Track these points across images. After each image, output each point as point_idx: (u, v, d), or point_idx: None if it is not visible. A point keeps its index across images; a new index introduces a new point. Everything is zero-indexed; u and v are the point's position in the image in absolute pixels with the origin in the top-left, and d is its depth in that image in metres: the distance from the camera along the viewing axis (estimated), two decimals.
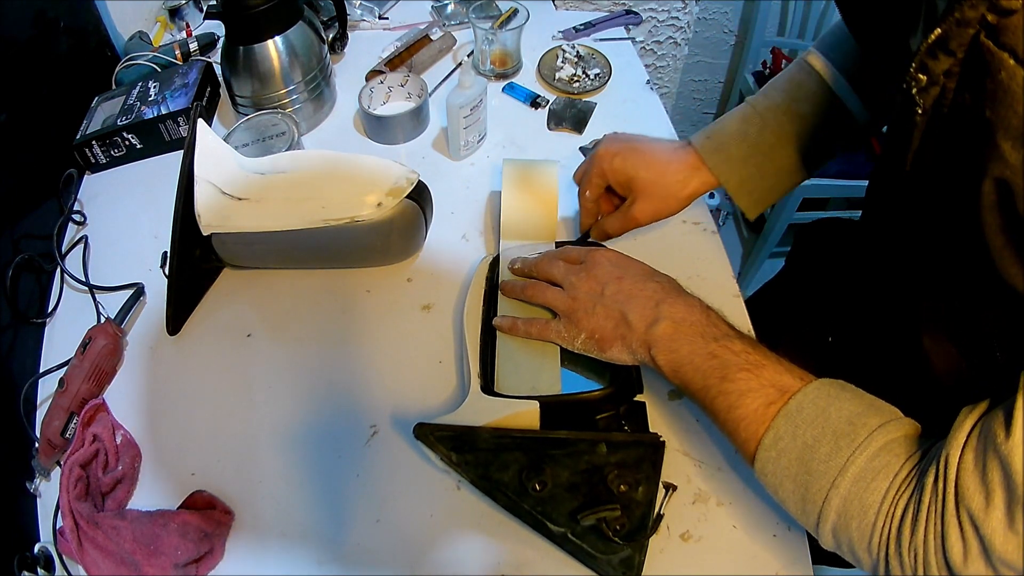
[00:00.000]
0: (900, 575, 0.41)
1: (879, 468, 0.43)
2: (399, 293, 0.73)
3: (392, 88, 0.91)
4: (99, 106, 0.89)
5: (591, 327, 0.56)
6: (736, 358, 0.50)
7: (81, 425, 0.61)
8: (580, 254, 0.62)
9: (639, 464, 0.53)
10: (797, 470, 0.45)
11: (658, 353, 0.53)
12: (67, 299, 0.75)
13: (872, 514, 0.42)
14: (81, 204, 0.84)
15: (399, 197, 0.67)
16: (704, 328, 0.52)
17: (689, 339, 0.52)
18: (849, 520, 0.43)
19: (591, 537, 0.52)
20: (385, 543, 0.57)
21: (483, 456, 0.53)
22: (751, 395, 0.48)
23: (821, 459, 0.44)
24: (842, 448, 0.44)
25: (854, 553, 0.44)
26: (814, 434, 0.45)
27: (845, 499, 0.43)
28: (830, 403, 0.46)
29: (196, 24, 1.08)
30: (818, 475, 0.44)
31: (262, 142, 0.81)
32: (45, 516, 0.60)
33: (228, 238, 0.69)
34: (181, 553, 0.53)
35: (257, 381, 0.67)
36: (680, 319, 0.53)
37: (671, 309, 0.54)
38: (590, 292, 0.57)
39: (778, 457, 0.46)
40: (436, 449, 0.53)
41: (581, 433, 0.53)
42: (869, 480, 0.42)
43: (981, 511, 0.37)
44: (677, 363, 0.52)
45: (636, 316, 0.54)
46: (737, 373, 0.49)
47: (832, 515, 0.44)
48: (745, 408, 0.48)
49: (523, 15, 0.93)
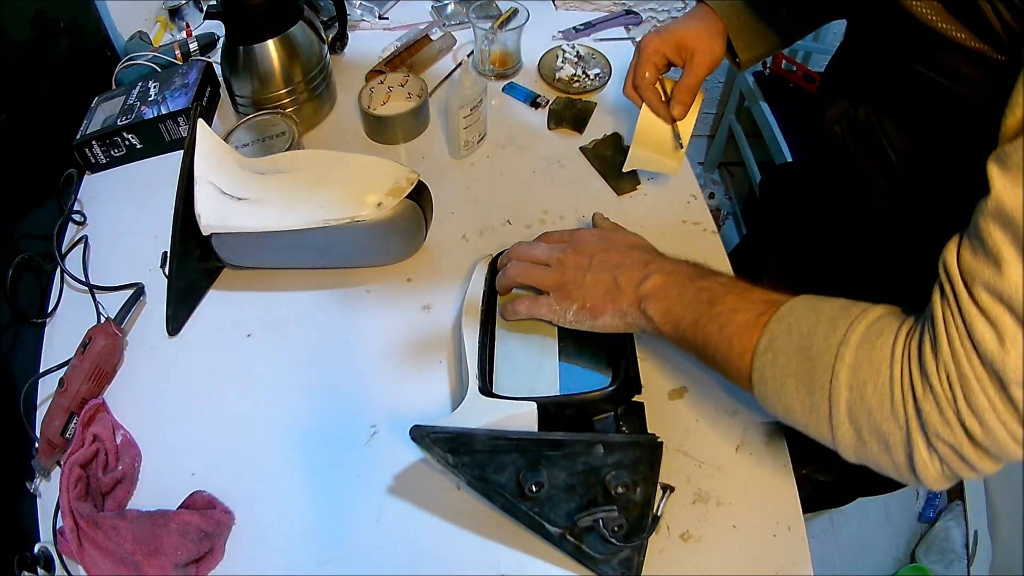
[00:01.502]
0: (937, 418, 0.38)
1: (881, 328, 0.41)
2: (399, 293, 0.73)
3: (392, 88, 0.91)
4: (99, 106, 0.89)
5: (582, 297, 0.57)
6: (723, 287, 0.51)
7: (81, 425, 0.61)
8: (561, 235, 0.63)
9: (636, 465, 0.53)
10: (797, 363, 0.44)
11: (649, 304, 0.54)
12: (67, 299, 0.75)
13: (886, 369, 0.40)
14: (81, 204, 0.84)
15: (399, 197, 0.67)
16: (692, 272, 0.54)
17: (678, 284, 0.53)
18: (863, 388, 0.40)
19: (589, 538, 0.52)
20: (385, 543, 0.57)
21: (480, 458, 0.53)
22: (741, 312, 0.48)
23: (820, 340, 0.43)
24: (839, 325, 0.43)
25: (877, 432, 0.40)
26: (809, 323, 0.44)
27: (853, 367, 0.41)
28: (820, 301, 0.46)
29: (196, 24, 1.08)
30: (820, 355, 0.42)
31: (262, 142, 0.81)
32: (45, 516, 0.60)
33: (228, 238, 0.69)
34: (181, 553, 0.53)
35: (257, 381, 0.67)
36: (669, 271, 0.55)
37: (660, 265, 0.56)
38: (577, 265, 0.59)
39: (775, 358, 0.45)
40: (433, 451, 0.53)
41: (578, 434, 0.53)
42: (874, 340, 0.41)
43: (995, 278, 0.35)
44: (667, 307, 0.53)
45: (626, 278, 0.56)
46: (725, 297, 0.50)
47: (843, 392, 0.41)
48: (736, 323, 0.48)
49: (523, 15, 0.93)
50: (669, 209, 0.80)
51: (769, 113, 1.59)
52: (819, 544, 1.37)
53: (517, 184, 0.83)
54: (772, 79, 1.69)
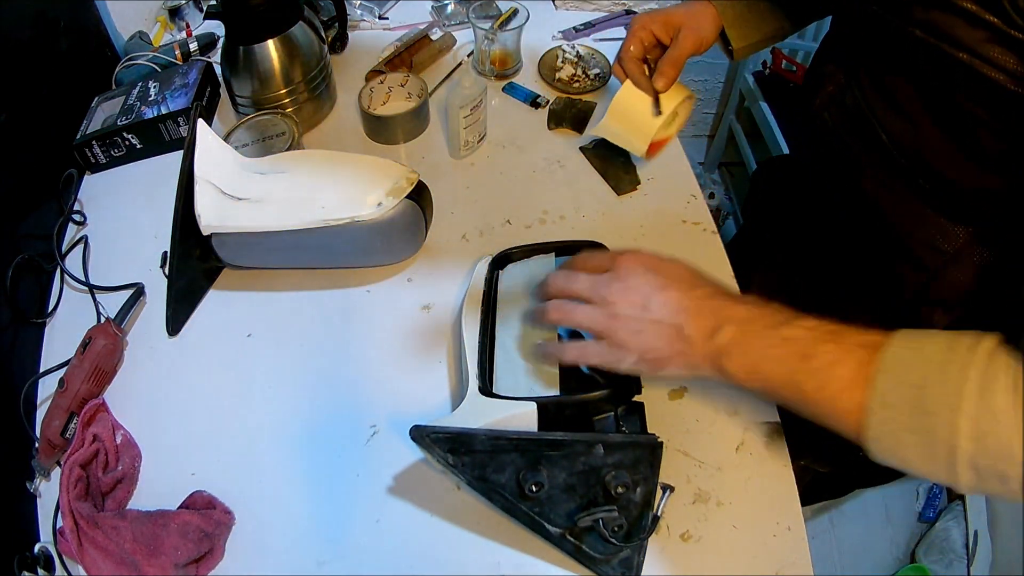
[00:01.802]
0: None
1: (996, 372, 0.39)
2: (399, 293, 0.73)
3: (392, 88, 0.91)
4: (99, 106, 0.89)
5: (641, 347, 0.50)
6: (811, 333, 0.46)
7: (81, 425, 0.61)
8: (603, 261, 0.54)
9: (636, 465, 0.53)
10: (914, 418, 0.41)
11: (727, 361, 0.48)
12: (67, 299, 0.75)
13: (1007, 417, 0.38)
14: (81, 204, 0.84)
15: (399, 197, 0.67)
16: (768, 318, 0.48)
17: (758, 335, 0.48)
18: (986, 438, 0.39)
19: (589, 538, 0.52)
20: (385, 543, 0.57)
21: (480, 458, 0.53)
22: (840, 364, 0.44)
23: (935, 394, 0.40)
24: (951, 373, 0.41)
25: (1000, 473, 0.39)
26: (920, 374, 0.42)
27: (975, 419, 0.39)
28: (922, 344, 0.43)
29: (196, 24, 1.08)
30: (937, 409, 0.40)
31: (262, 142, 0.81)
32: (45, 516, 0.60)
33: (228, 238, 0.69)
34: (181, 553, 0.53)
35: (257, 381, 0.67)
36: (742, 319, 0.48)
37: (730, 312, 0.49)
38: (632, 306, 0.51)
39: (890, 415, 0.42)
40: (433, 451, 0.53)
41: (577, 434, 0.53)
42: (991, 385, 0.39)
43: None
44: (752, 364, 0.48)
45: (693, 328, 0.49)
46: (817, 347, 0.45)
47: (965, 443, 0.40)
48: (839, 379, 0.44)
49: (523, 15, 0.93)
50: (669, 209, 0.80)
51: (769, 113, 1.59)
52: (819, 544, 1.37)
53: (517, 184, 0.83)
54: (772, 79, 1.69)
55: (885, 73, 0.59)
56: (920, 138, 0.57)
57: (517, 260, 0.70)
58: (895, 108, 0.58)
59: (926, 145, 0.57)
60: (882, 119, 0.60)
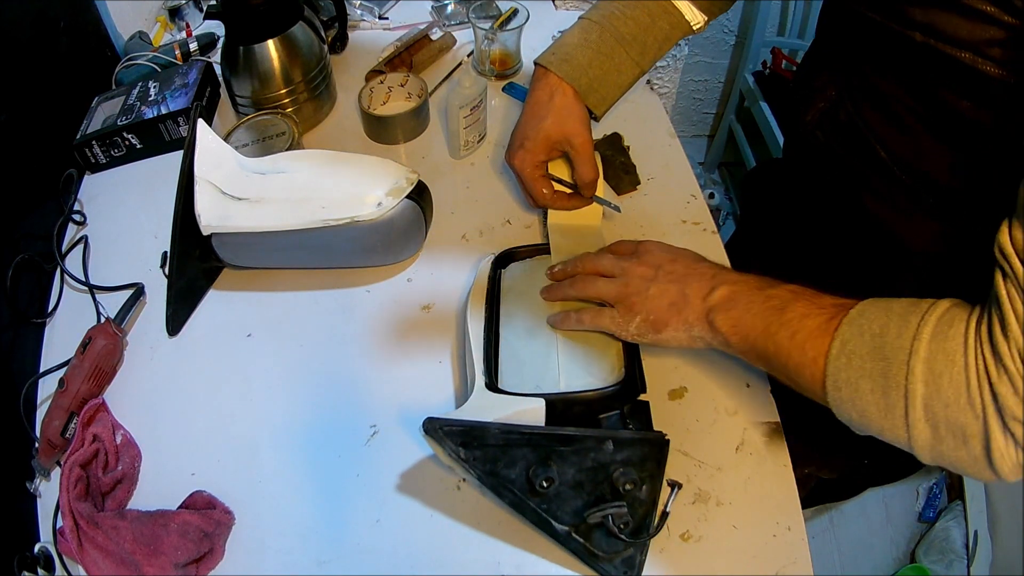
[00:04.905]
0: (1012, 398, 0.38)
1: (952, 318, 0.42)
2: (399, 293, 0.73)
3: (392, 88, 0.91)
4: (99, 106, 0.89)
5: (646, 308, 0.56)
6: (792, 294, 0.51)
7: (81, 425, 0.61)
8: (630, 246, 0.62)
9: (644, 462, 0.53)
10: (871, 363, 0.44)
11: (717, 315, 0.53)
12: (67, 299, 0.75)
13: (960, 357, 0.40)
14: (81, 204, 0.84)
15: (399, 197, 0.67)
16: (759, 283, 0.53)
17: (746, 293, 0.53)
18: (939, 380, 0.41)
19: (595, 536, 0.52)
20: (385, 543, 0.57)
21: (492, 452, 0.53)
22: (812, 316, 0.48)
23: (892, 338, 0.43)
24: (910, 321, 0.43)
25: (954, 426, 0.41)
26: (880, 323, 0.44)
27: (928, 360, 0.41)
28: (890, 302, 0.45)
29: (196, 24, 1.08)
30: (893, 353, 0.42)
31: (262, 142, 0.81)
32: (45, 516, 0.60)
33: (228, 238, 0.69)
34: (181, 553, 0.53)
35: (257, 381, 0.67)
36: (735, 281, 0.54)
37: (726, 276, 0.55)
38: (643, 275, 0.58)
39: (848, 361, 0.45)
40: (444, 444, 0.52)
41: (589, 430, 0.53)
42: (946, 330, 0.41)
43: None
44: (736, 317, 0.52)
45: (693, 290, 0.55)
46: (795, 303, 0.49)
47: (919, 387, 0.41)
48: (807, 329, 0.48)
49: (523, 15, 0.93)
50: (669, 209, 0.80)
51: (769, 113, 1.59)
52: (819, 544, 1.37)
53: (517, 184, 0.83)
54: (772, 79, 1.69)
55: (881, 84, 0.58)
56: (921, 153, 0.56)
57: (519, 259, 0.70)
58: (894, 122, 0.57)
59: (928, 159, 0.56)
60: (881, 135, 0.59)
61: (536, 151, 0.70)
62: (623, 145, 0.86)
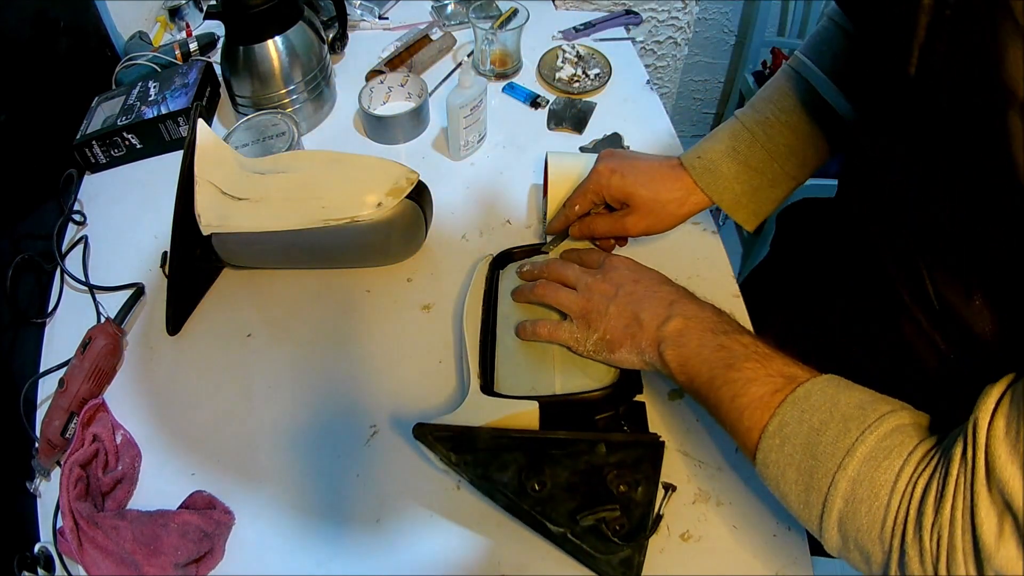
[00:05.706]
0: (917, 567, 0.37)
1: (891, 447, 0.40)
2: (399, 293, 0.73)
3: (392, 88, 0.91)
4: (99, 106, 0.89)
5: (603, 327, 0.56)
6: (744, 349, 0.49)
7: (81, 425, 0.61)
8: (597, 258, 0.62)
9: (638, 464, 0.53)
10: (802, 457, 0.43)
11: (667, 348, 0.52)
12: (67, 299, 0.75)
13: (885, 495, 0.39)
14: (81, 204, 0.84)
15: (399, 197, 0.67)
16: (714, 324, 0.52)
17: (699, 333, 0.52)
18: (858, 505, 0.40)
19: (591, 537, 0.52)
20: (385, 543, 0.57)
21: (482, 456, 0.53)
22: (757, 383, 0.46)
23: (828, 442, 0.42)
24: (851, 430, 0.41)
25: (862, 548, 0.41)
26: (821, 418, 0.43)
27: (854, 481, 0.40)
28: (839, 392, 0.44)
29: (196, 24, 1.08)
30: (824, 458, 0.41)
31: (262, 142, 0.81)
32: (45, 516, 0.60)
33: (228, 238, 0.68)
34: (181, 553, 0.53)
35: (257, 381, 0.67)
36: (691, 315, 0.53)
37: (683, 308, 0.54)
38: (604, 293, 0.57)
39: (782, 444, 0.44)
40: (435, 449, 0.53)
41: (580, 433, 0.53)
42: (881, 459, 0.40)
43: (1014, 481, 0.33)
44: (684, 357, 0.51)
45: (648, 315, 0.54)
46: (744, 363, 0.48)
47: (838, 502, 0.41)
48: (750, 396, 0.46)
49: (523, 15, 0.93)
50: None
51: None
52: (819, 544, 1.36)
53: (517, 184, 0.83)
54: None
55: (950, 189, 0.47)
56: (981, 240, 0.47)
57: (518, 260, 0.70)
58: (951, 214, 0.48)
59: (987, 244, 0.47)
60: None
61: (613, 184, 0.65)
62: (623, 145, 0.86)
